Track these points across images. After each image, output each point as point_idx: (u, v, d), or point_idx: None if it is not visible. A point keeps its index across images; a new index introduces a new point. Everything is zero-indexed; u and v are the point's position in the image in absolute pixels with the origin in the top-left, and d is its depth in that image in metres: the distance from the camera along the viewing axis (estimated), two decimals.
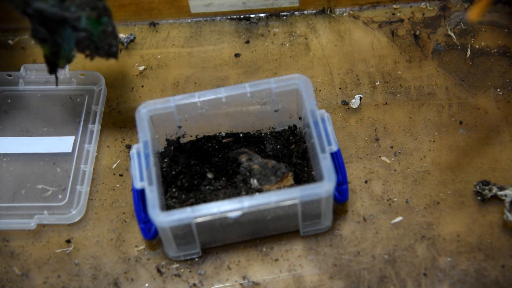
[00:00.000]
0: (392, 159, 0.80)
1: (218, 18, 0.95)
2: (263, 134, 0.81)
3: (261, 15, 0.95)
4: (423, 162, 0.80)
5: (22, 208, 0.78)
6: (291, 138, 0.80)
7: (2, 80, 0.88)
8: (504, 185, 0.76)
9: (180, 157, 0.77)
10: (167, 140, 0.79)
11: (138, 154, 0.71)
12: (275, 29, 0.94)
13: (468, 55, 0.89)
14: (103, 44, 0.71)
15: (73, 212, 0.77)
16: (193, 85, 0.89)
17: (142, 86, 0.89)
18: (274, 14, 0.95)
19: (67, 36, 0.69)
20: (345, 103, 0.85)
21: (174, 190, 0.75)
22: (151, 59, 0.91)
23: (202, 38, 0.93)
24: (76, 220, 0.77)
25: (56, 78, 0.75)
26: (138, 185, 0.69)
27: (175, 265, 0.74)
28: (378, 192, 0.78)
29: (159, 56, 0.92)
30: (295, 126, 0.80)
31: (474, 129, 0.82)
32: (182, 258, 0.74)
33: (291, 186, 0.73)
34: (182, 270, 0.74)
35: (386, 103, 0.85)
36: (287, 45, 0.92)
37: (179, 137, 0.80)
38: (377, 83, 0.87)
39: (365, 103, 0.85)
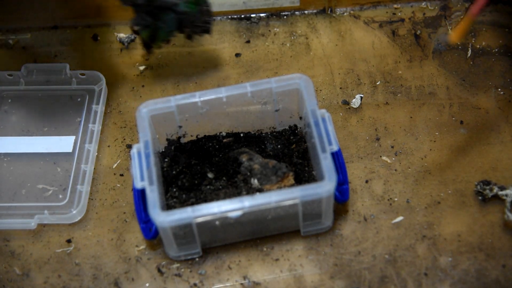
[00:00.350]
0: (393, 158, 0.80)
1: (218, 18, 0.95)
2: (263, 134, 0.81)
3: (262, 14, 0.95)
4: (423, 162, 0.80)
5: (22, 208, 0.79)
6: (291, 137, 0.80)
7: (3, 80, 0.88)
8: (505, 184, 0.76)
9: (181, 157, 0.77)
10: (167, 139, 0.79)
11: (139, 153, 0.71)
12: (275, 29, 0.94)
13: (469, 55, 0.89)
14: (200, 22, 0.81)
15: (74, 212, 0.77)
16: (193, 84, 0.89)
17: (143, 86, 0.89)
18: (275, 14, 0.95)
19: (169, 20, 0.79)
20: (346, 102, 0.85)
21: (174, 189, 0.75)
22: (151, 58, 0.91)
23: (203, 38, 0.93)
24: (76, 220, 0.78)
25: (149, 53, 0.87)
26: (139, 184, 0.70)
27: (176, 265, 0.74)
28: (379, 192, 0.78)
29: (159, 56, 0.92)
30: (295, 125, 0.80)
31: (474, 128, 0.82)
32: (183, 258, 0.74)
33: (291, 186, 0.73)
34: (182, 270, 0.74)
35: (387, 102, 0.85)
36: (288, 44, 0.92)
37: (179, 137, 0.80)
38: (377, 83, 0.87)
39: (365, 103, 0.85)
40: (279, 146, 0.79)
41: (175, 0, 0.78)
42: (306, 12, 0.95)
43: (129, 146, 0.83)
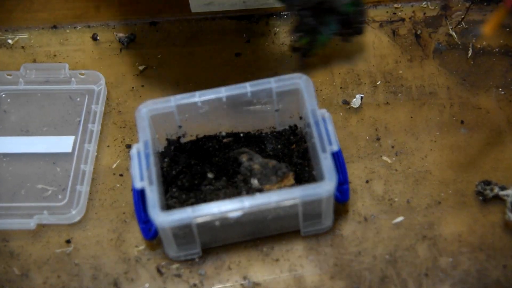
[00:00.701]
0: (393, 158, 0.80)
1: (218, 17, 0.95)
2: (263, 134, 0.81)
3: (262, 14, 0.95)
4: (424, 162, 0.80)
5: (22, 208, 0.78)
6: (291, 137, 0.80)
7: (2, 80, 0.88)
8: (506, 185, 0.76)
9: (181, 157, 0.77)
10: (167, 139, 0.79)
11: (138, 154, 0.71)
12: (275, 29, 0.93)
13: (469, 55, 0.89)
14: (356, 23, 0.81)
15: (73, 212, 0.77)
16: (193, 84, 0.88)
17: (143, 86, 0.89)
18: (275, 14, 0.95)
19: (331, 22, 0.79)
20: (346, 102, 0.85)
21: (174, 190, 0.75)
22: (151, 58, 0.91)
23: (203, 37, 0.93)
24: (76, 220, 0.77)
25: (302, 65, 0.87)
26: (138, 185, 0.69)
27: (175, 265, 0.74)
28: (379, 192, 0.78)
29: (159, 56, 0.92)
30: (295, 125, 0.80)
31: (475, 128, 0.82)
32: (183, 258, 0.74)
33: (291, 186, 0.73)
34: (182, 270, 0.73)
35: (387, 102, 0.85)
36: (288, 44, 0.92)
37: (179, 137, 0.80)
38: (378, 83, 0.87)
39: (366, 103, 0.85)
40: (279, 146, 0.79)
41: (340, 2, 0.78)
42: None
43: (129, 146, 0.83)
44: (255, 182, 0.73)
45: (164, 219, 0.67)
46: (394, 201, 0.77)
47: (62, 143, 0.83)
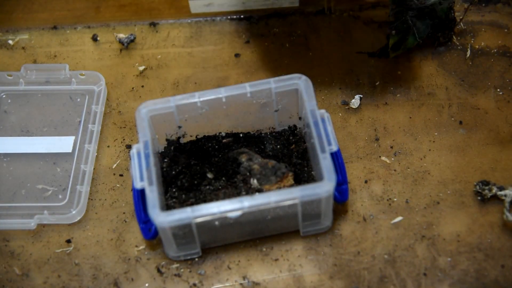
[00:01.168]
0: (392, 159, 0.80)
1: (218, 18, 0.95)
2: (263, 134, 0.81)
3: (261, 15, 0.95)
4: (423, 162, 0.80)
5: (22, 208, 0.78)
6: (291, 138, 0.80)
7: (3, 80, 0.88)
8: (504, 185, 0.76)
9: (180, 157, 0.77)
10: (167, 140, 0.79)
11: (138, 154, 0.71)
12: (275, 29, 0.94)
13: (468, 55, 0.89)
14: (446, 29, 0.84)
15: (73, 212, 0.77)
16: (193, 85, 0.89)
17: (142, 86, 0.89)
18: (274, 14, 0.95)
19: (425, 25, 0.80)
20: (345, 103, 0.86)
21: (174, 190, 0.75)
22: (151, 59, 0.91)
23: (202, 38, 0.93)
24: (76, 220, 0.78)
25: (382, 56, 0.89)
26: (138, 185, 0.69)
27: (175, 265, 0.74)
28: (378, 192, 0.78)
29: (159, 56, 0.92)
30: (295, 126, 0.81)
31: (474, 129, 0.82)
32: (182, 258, 0.74)
33: (291, 186, 0.73)
34: (182, 270, 0.74)
35: (386, 103, 0.85)
36: (287, 45, 0.92)
37: (179, 137, 0.80)
38: (377, 83, 0.87)
39: (365, 103, 0.85)
40: (278, 146, 0.79)
41: (438, 7, 0.80)
42: (305, 12, 0.95)
43: (129, 147, 0.83)
44: (254, 182, 0.73)
45: (164, 219, 0.67)
46: (393, 201, 0.77)
47: (62, 143, 0.83)
